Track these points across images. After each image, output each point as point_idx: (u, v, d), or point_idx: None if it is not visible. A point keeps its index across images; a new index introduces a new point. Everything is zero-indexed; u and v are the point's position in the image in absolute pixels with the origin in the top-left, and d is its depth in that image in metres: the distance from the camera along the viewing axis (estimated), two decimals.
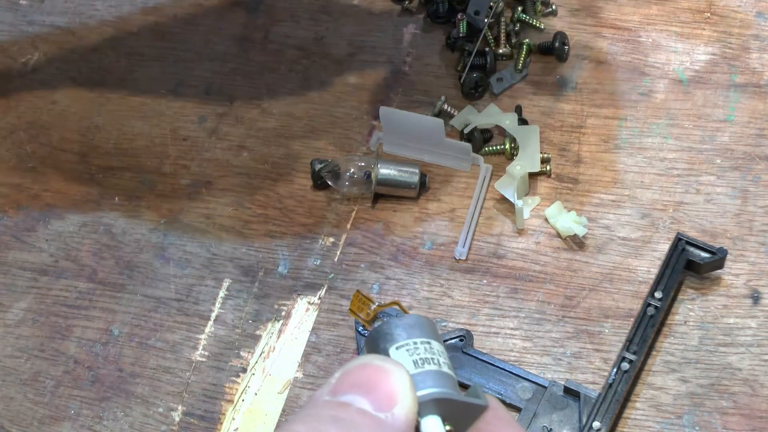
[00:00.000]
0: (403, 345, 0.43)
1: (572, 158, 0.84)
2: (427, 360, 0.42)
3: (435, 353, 0.43)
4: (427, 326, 0.44)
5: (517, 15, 0.91)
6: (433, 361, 0.42)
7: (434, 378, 0.42)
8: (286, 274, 0.81)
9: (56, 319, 0.81)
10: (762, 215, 0.80)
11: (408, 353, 0.42)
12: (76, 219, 0.86)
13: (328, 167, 0.83)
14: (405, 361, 0.42)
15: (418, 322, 0.44)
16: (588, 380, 0.74)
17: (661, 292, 0.75)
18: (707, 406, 0.72)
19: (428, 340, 0.43)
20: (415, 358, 0.42)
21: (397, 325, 0.43)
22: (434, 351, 0.43)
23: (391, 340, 0.43)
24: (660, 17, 0.90)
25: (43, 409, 0.77)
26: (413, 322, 0.44)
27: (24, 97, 0.93)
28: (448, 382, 0.42)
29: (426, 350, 0.43)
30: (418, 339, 0.43)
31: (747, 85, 0.86)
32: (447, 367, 0.43)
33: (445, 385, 0.42)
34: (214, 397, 0.77)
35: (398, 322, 0.43)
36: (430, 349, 0.43)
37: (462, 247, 0.80)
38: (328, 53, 0.92)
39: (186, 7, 0.96)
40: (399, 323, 0.43)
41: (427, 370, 0.42)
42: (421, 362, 0.42)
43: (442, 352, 0.43)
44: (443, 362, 0.43)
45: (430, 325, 0.44)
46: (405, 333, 0.43)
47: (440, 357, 0.43)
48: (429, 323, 0.44)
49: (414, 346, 0.43)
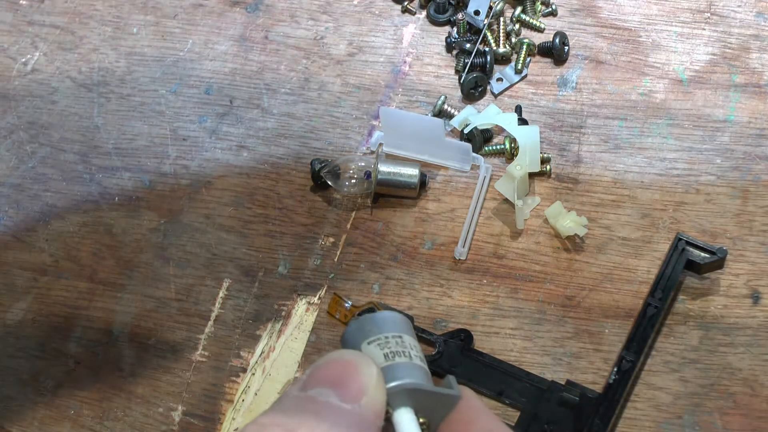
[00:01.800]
0: (375, 340, 0.43)
1: (572, 158, 0.84)
2: (397, 353, 0.43)
3: (406, 347, 0.43)
4: (399, 322, 0.45)
5: (517, 15, 0.91)
6: (404, 354, 0.43)
7: (405, 370, 0.42)
8: (286, 274, 0.81)
9: (56, 319, 0.81)
10: (762, 215, 0.80)
11: (379, 347, 0.43)
12: (76, 219, 0.86)
13: (328, 167, 0.83)
14: (376, 355, 0.42)
15: (390, 318, 0.45)
16: (588, 380, 0.74)
17: (661, 292, 0.75)
18: (707, 406, 0.72)
19: (399, 334, 0.44)
20: (386, 351, 0.43)
21: (369, 322, 0.44)
22: (405, 344, 0.43)
23: (362, 336, 0.44)
24: (660, 17, 0.90)
25: (43, 409, 0.77)
26: (385, 318, 0.45)
27: (24, 97, 0.93)
28: (419, 373, 0.43)
29: (397, 344, 0.43)
30: (389, 333, 0.44)
31: (747, 85, 0.86)
32: (419, 360, 0.43)
33: (416, 376, 0.42)
34: (214, 397, 0.77)
35: (370, 318, 0.44)
36: (401, 343, 0.43)
37: (462, 247, 0.80)
38: (328, 53, 0.92)
39: (186, 7, 0.96)
40: (371, 319, 0.44)
41: (398, 363, 0.42)
42: (392, 355, 0.43)
43: (414, 346, 0.44)
44: (415, 355, 0.43)
45: (403, 320, 0.45)
46: (376, 328, 0.44)
47: (412, 350, 0.43)
48: (401, 319, 0.45)
49: (385, 340, 0.43)
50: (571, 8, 0.92)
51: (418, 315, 0.78)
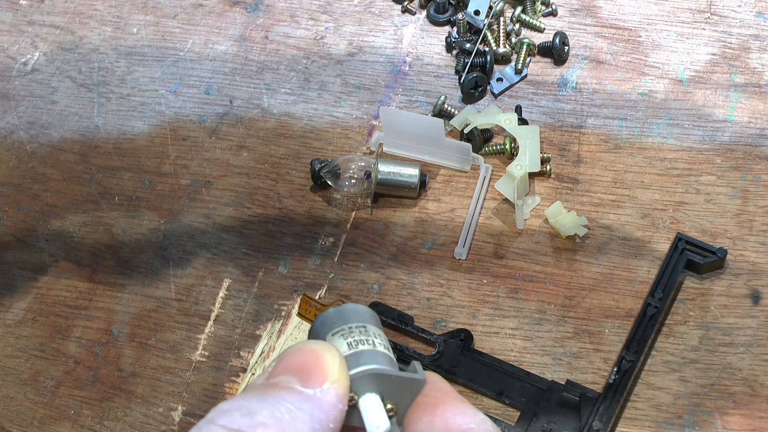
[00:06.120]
0: (338, 331, 0.45)
1: (572, 158, 0.84)
2: (361, 341, 0.44)
3: (370, 335, 0.44)
4: (363, 313, 0.46)
5: (517, 15, 0.91)
6: (368, 342, 0.44)
7: (367, 356, 0.43)
8: (286, 274, 0.81)
9: (56, 319, 0.81)
10: (762, 215, 0.80)
11: (343, 337, 0.44)
12: (76, 219, 0.86)
13: (328, 167, 0.83)
14: (339, 344, 0.43)
15: (354, 310, 0.46)
16: (588, 380, 0.74)
17: (661, 292, 0.75)
18: (707, 406, 0.72)
19: (364, 324, 0.45)
20: (350, 340, 0.44)
21: (333, 315, 0.45)
22: (369, 333, 0.44)
23: (327, 328, 0.45)
24: (660, 17, 0.90)
25: (43, 409, 0.77)
26: (348, 310, 0.46)
27: (24, 97, 0.93)
28: (383, 359, 0.43)
29: (360, 332, 0.44)
30: (353, 324, 0.44)
31: (747, 85, 0.86)
32: (383, 348, 0.44)
33: (379, 362, 0.43)
34: (214, 397, 0.77)
35: (334, 311, 0.46)
36: (365, 332, 0.44)
37: (462, 247, 0.80)
38: (328, 53, 0.92)
39: (186, 7, 0.96)
40: (335, 312, 0.46)
41: (361, 350, 0.43)
42: (355, 343, 0.43)
43: (379, 334, 0.45)
44: (378, 343, 0.44)
45: (367, 311, 0.46)
46: (340, 320, 0.45)
47: (376, 338, 0.44)
48: (366, 310, 0.46)
49: (349, 330, 0.44)
50: (571, 8, 0.92)
51: (418, 315, 0.78)
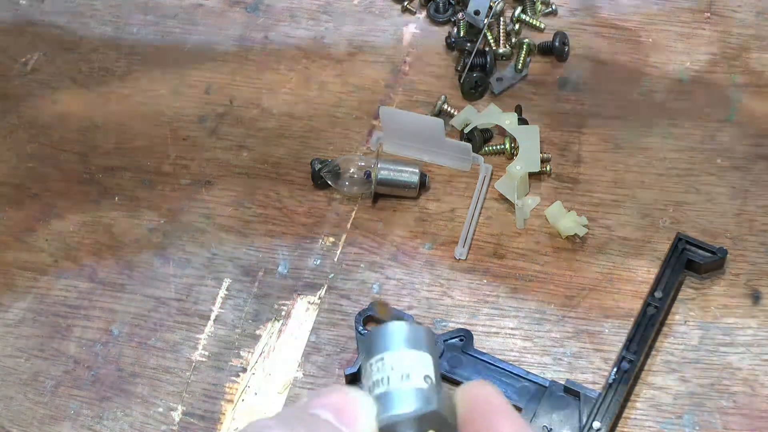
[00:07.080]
0: (368, 365, 0.43)
1: (572, 158, 0.84)
2: (376, 383, 0.43)
3: (386, 369, 0.43)
4: (388, 334, 0.43)
5: (517, 15, 0.91)
6: (382, 383, 0.43)
7: (392, 400, 0.42)
8: (286, 274, 0.81)
9: (56, 319, 0.81)
10: (762, 215, 0.80)
11: (366, 378, 0.43)
12: (76, 219, 0.86)
13: (328, 167, 0.83)
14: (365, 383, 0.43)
15: (381, 334, 0.43)
16: (588, 380, 0.74)
17: (661, 292, 0.75)
18: (707, 406, 0.72)
19: (381, 356, 0.43)
20: (370, 383, 0.43)
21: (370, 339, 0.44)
22: (385, 368, 0.43)
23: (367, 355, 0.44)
24: (660, 17, 0.90)
25: (43, 409, 0.77)
26: (376, 336, 0.43)
27: (24, 97, 0.93)
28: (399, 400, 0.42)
29: (378, 370, 0.43)
30: (372, 359, 0.43)
31: (747, 85, 0.86)
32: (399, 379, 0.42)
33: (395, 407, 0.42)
34: (214, 397, 0.77)
35: (369, 335, 0.44)
36: (382, 368, 0.43)
37: (462, 247, 0.80)
38: (328, 53, 0.92)
39: (186, 7, 0.96)
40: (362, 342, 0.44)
41: (376, 394, 0.43)
42: (373, 386, 0.43)
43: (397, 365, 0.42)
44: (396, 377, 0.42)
45: (392, 332, 0.43)
46: (365, 352, 0.44)
47: (392, 371, 0.42)
48: (390, 330, 0.43)
49: (369, 368, 0.43)
50: (571, 8, 0.92)
51: (418, 315, 0.78)
